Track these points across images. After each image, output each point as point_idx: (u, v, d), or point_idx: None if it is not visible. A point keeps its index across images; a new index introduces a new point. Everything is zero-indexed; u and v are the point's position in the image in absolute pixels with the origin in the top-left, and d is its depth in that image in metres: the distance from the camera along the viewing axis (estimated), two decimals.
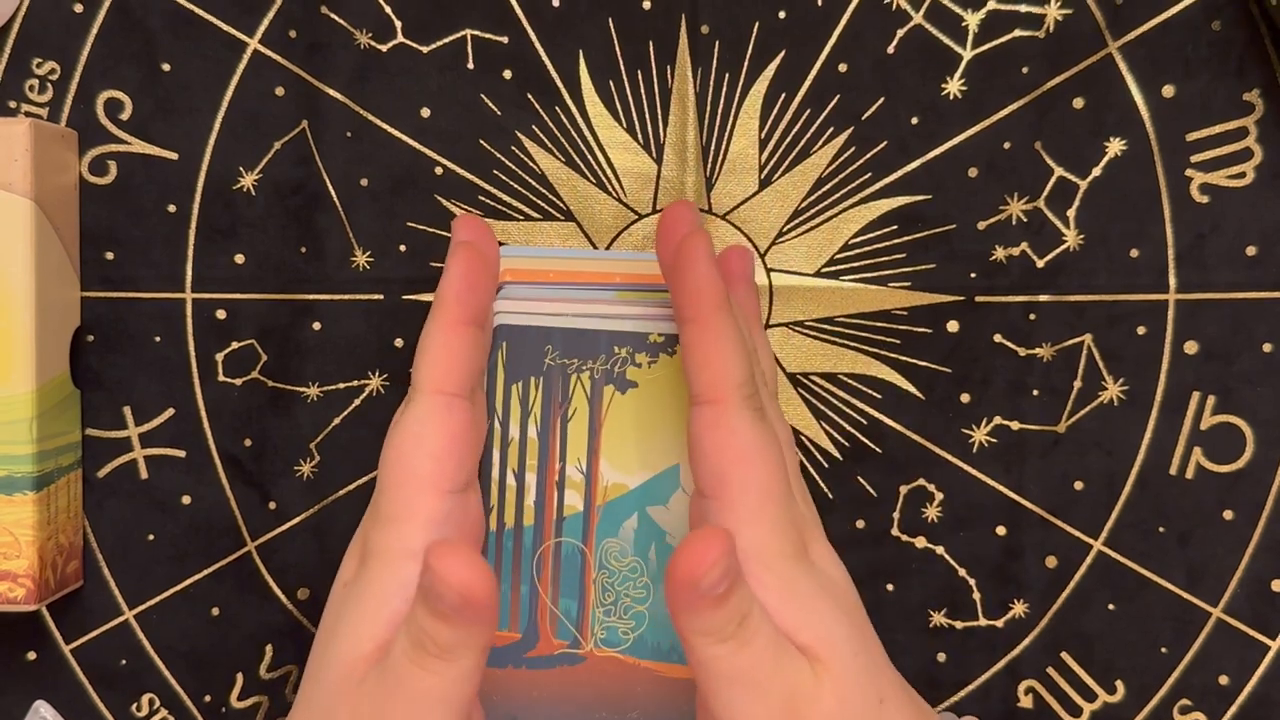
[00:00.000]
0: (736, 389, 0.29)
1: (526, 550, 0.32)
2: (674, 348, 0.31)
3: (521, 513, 0.32)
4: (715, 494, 0.29)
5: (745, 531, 0.29)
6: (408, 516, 0.30)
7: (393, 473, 0.31)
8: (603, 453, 0.32)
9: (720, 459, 0.29)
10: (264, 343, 0.39)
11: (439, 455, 0.30)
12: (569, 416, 0.32)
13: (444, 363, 0.31)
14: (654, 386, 0.31)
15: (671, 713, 0.34)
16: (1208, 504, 0.39)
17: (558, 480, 0.32)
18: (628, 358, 0.31)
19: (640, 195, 0.39)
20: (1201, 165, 0.38)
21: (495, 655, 0.33)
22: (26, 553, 0.36)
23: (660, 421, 0.31)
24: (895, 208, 0.39)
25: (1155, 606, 0.39)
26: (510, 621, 0.33)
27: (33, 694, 0.39)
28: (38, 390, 0.36)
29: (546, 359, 0.31)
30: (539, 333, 0.32)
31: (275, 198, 0.39)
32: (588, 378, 0.31)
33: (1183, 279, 0.38)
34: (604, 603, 0.33)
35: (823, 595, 0.29)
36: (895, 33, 0.38)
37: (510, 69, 0.38)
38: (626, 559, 0.32)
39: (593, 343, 0.31)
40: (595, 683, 0.33)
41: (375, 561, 0.30)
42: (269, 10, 0.38)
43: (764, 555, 0.29)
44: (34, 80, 0.38)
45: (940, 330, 0.39)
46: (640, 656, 0.33)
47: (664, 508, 0.32)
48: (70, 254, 0.38)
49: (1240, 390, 0.38)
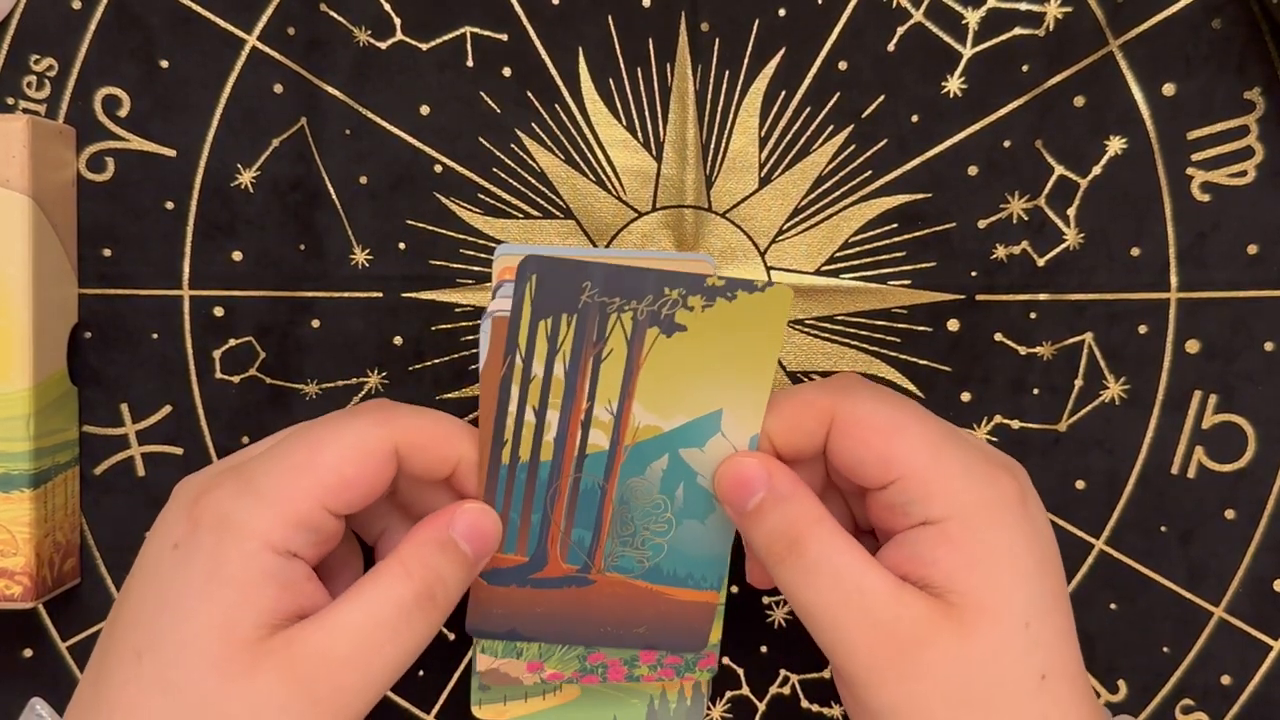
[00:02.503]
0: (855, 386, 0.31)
1: (541, 483, 0.32)
2: (733, 293, 0.30)
3: (539, 449, 0.31)
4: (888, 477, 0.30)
5: (953, 485, 0.30)
6: (286, 509, 0.29)
7: (302, 457, 0.30)
8: (637, 395, 0.31)
9: (886, 448, 0.30)
10: (262, 340, 0.39)
11: (353, 480, 0.30)
12: (603, 357, 0.30)
13: (427, 441, 0.31)
14: (705, 331, 0.30)
15: (681, 630, 0.34)
16: (1209, 503, 0.39)
17: (583, 420, 0.31)
18: (679, 300, 0.30)
19: (640, 193, 0.39)
20: (1202, 163, 0.38)
21: (500, 575, 0.33)
22: (23, 550, 0.36)
23: (707, 366, 0.31)
24: (895, 206, 0.38)
25: (1157, 606, 0.39)
26: (518, 546, 0.32)
27: (29, 691, 0.39)
28: (35, 387, 0.36)
29: (583, 296, 0.30)
30: (575, 268, 0.30)
31: (274, 195, 0.38)
32: (629, 318, 0.30)
33: (1184, 278, 0.38)
34: (621, 535, 0.32)
35: (1013, 562, 0.29)
36: (896, 30, 0.38)
37: (510, 66, 0.38)
38: (651, 497, 0.32)
39: (639, 281, 0.30)
40: (603, 603, 0.33)
41: (231, 540, 0.28)
42: (267, 7, 0.38)
43: (966, 511, 0.29)
44: (32, 77, 0.38)
45: (941, 329, 0.39)
46: (654, 582, 0.33)
47: (699, 450, 0.31)
48: (68, 251, 0.38)
49: (1242, 389, 0.38)
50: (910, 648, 0.28)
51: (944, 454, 0.30)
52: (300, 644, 0.28)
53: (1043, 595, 0.29)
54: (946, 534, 0.29)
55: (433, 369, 0.39)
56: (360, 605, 0.29)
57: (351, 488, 0.30)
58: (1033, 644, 0.29)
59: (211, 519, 0.29)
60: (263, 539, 0.28)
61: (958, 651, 0.28)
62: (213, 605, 0.28)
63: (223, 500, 0.29)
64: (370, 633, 0.29)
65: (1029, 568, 0.29)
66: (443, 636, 0.40)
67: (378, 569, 0.30)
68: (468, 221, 0.39)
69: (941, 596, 0.29)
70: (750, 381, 0.31)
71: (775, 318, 0.30)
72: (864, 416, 0.30)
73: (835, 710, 0.40)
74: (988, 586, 0.29)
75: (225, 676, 0.28)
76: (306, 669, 0.28)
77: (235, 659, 0.28)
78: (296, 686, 0.28)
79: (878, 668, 0.29)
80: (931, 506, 0.29)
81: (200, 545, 0.28)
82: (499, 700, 0.36)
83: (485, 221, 0.39)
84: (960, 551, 0.29)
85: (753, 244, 0.39)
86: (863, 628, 0.29)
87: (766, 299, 0.30)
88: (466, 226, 0.39)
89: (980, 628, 0.28)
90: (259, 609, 0.28)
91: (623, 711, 0.36)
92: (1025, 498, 0.30)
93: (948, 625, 0.28)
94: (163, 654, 0.28)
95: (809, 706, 0.40)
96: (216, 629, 0.28)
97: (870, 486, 0.31)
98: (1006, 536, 0.29)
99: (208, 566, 0.28)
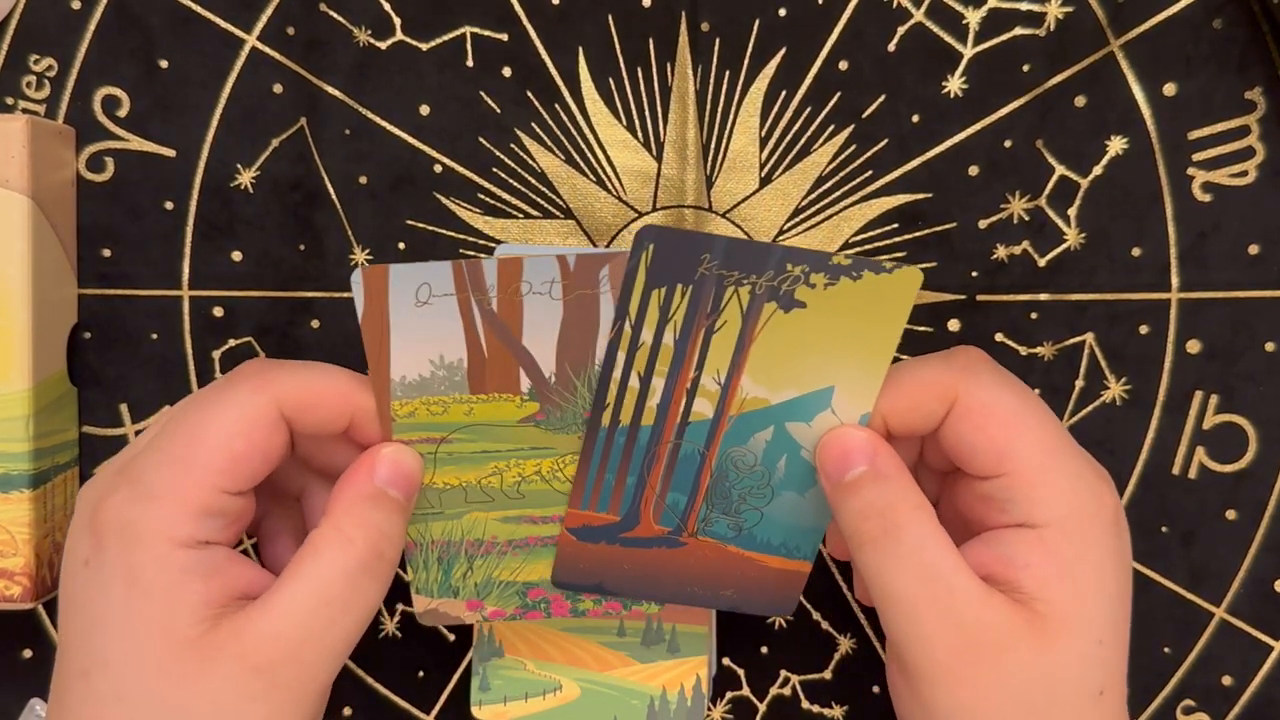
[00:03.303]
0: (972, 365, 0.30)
1: (640, 447, 0.32)
2: (859, 272, 0.29)
3: (640, 414, 0.31)
4: (997, 469, 0.30)
5: (1062, 492, 0.29)
6: (181, 503, 0.28)
7: (184, 445, 0.29)
8: (747, 368, 0.31)
9: (998, 433, 0.29)
10: (262, 340, 0.39)
11: (243, 454, 0.29)
12: (715, 328, 0.30)
13: (314, 399, 0.30)
14: (825, 308, 0.30)
15: (769, 595, 0.34)
16: (1211, 504, 0.39)
17: (689, 388, 0.31)
18: (801, 276, 0.29)
19: (640, 193, 0.39)
20: (1203, 163, 0.38)
21: (590, 532, 0.33)
22: (23, 550, 0.36)
23: (823, 344, 0.30)
24: (896, 206, 0.38)
25: (1158, 607, 0.39)
26: (611, 506, 0.32)
27: (29, 691, 0.39)
28: (34, 388, 0.36)
29: (701, 268, 0.29)
30: (696, 240, 0.29)
31: (273, 195, 0.38)
32: (747, 291, 0.30)
33: (1185, 278, 0.38)
34: (717, 502, 0.32)
35: (1100, 578, 0.29)
36: (896, 30, 0.38)
37: (510, 66, 0.38)
38: (752, 467, 0.32)
39: (762, 256, 0.29)
40: (693, 564, 0.33)
41: (138, 547, 0.28)
42: (267, 7, 0.38)
43: (1067, 521, 0.29)
44: (31, 77, 0.38)
45: (941, 329, 0.39)
46: (745, 548, 0.33)
47: (806, 425, 0.31)
48: (67, 251, 0.38)
49: (1243, 389, 0.38)
50: (990, 653, 0.28)
51: (1058, 458, 0.29)
52: (251, 631, 0.28)
53: (1116, 614, 0.29)
54: (1045, 540, 0.29)
55: None
56: (307, 582, 0.28)
57: (243, 462, 0.29)
58: (1101, 661, 0.29)
59: (113, 529, 0.28)
60: (168, 538, 0.28)
61: (1034, 661, 0.28)
62: (143, 616, 0.27)
63: (119, 508, 0.28)
64: (321, 609, 0.28)
65: (1113, 586, 0.29)
66: (443, 637, 0.40)
67: (316, 539, 0.29)
68: (467, 221, 0.39)
69: (1027, 604, 0.29)
70: (867, 362, 0.30)
71: (902, 300, 0.30)
72: (988, 403, 0.30)
73: (836, 711, 0.40)
74: (1074, 600, 0.29)
75: (180, 678, 0.27)
76: (262, 656, 0.27)
77: (184, 659, 0.27)
78: (254, 674, 0.27)
79: (954, 668, 0.28)
80: (1035, 510, 0.29)
81: (109, 559, 0.28)
82: (499, 700, 0.36)
83: (485, 221, 0.39)
84: (1055, 561, 0.29)
85: None
86: (945, 626, 0.28)
87: (895, 280, 0.29)
88: (466, 226, 0.39)
89: (1061, 640, 0.28)
90: (190, 606, 0.28)
91: (623, 711, 0.36)
92: (1119, 515, 0.30)
93: (1030, 634, 0.28)
94: (110, 670, 0.27)
95: (809, 707, 0.40)
96: (155, 637, 0.27)
97: (976, 475, 0.30)
98: (1099, 553, 0.29)
99: (124, 578, 0.28)
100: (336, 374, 0.30)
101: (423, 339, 0.30)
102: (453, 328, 0.30)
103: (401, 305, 0.30)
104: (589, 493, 0.32)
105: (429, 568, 0.33)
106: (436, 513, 0.32)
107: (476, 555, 0.33)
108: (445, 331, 0.30)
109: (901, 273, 0.29)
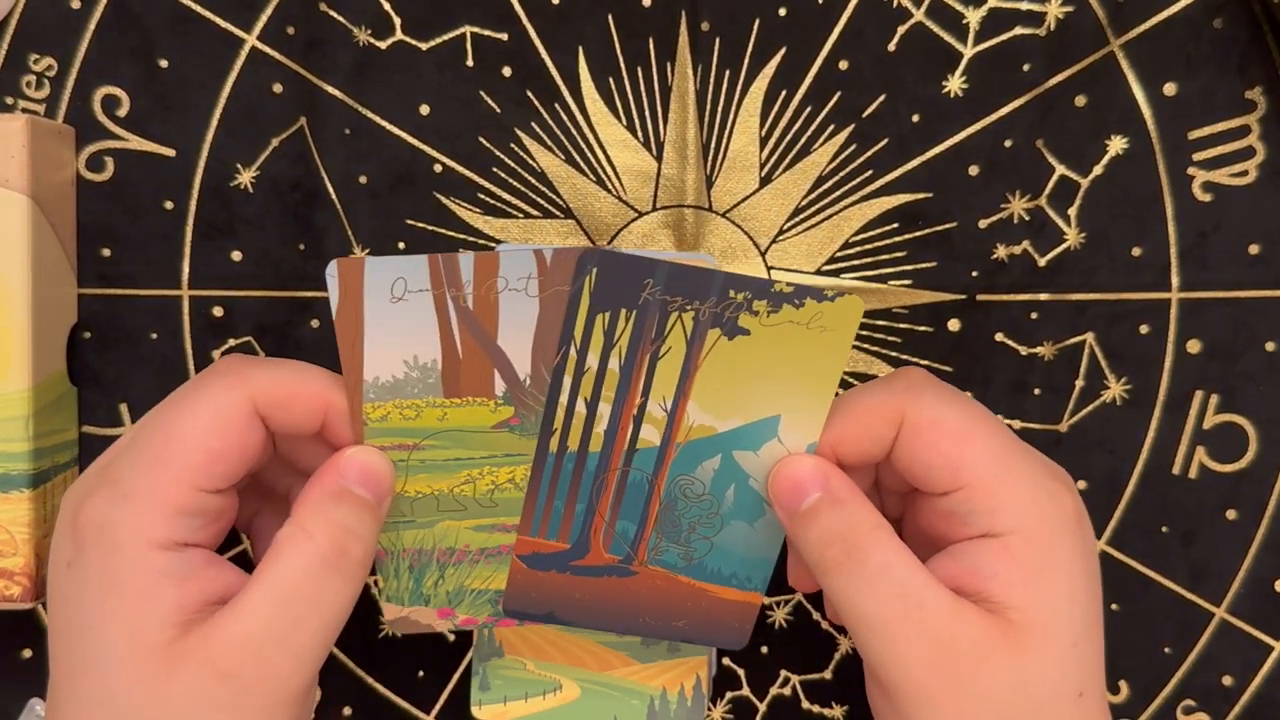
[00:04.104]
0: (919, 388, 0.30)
1: (588, 474, 0.32)
2: (801, 300, 0.29)
3: (588, 440, 0.31)
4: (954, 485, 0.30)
5: (1021, 499, 0.29)
6: (157, 504, 0.28)
7: (159, 444, 0.28)
8: (693, 395, 0.31)
9: (949, 453, 0.29)
10: (262, 340, 0.39)
11: (220, 452, 0.28)
12: (660, 354, 0.30)
13: (287, 397, 0.29)
14: (769, 337, 0.30)
15: (721, 627, 0.34)
16: (1211, 504, 0.39)
17: (635, 415, 0.31)
18: (744, 303, 0.29)
19: (640, 193, 0.39)
20: (1204, 163, 0.38)
21: (540, 560, 0.33)
22: (23, 550, 0.36)
23: (768, 372, 0.30)
24: (896, 206, 0.38)
25: (1158, 606, 0.39)
26: (560, 534, 0.32)
27: (28, 691, 0.39)
28: (34, 387, 0.36)
29: (644, 293, 0.29)
30: (640, 264, 0.29)
31: (273, 194, 0.38)
32: (690, 317, 0.30)
33: (1185, 277, 0.38)
34: (666, 531, 0.32)
35: (1069, 580, 0.29)
36: (896, 30, 0.38)
37: (510, 66, 0.38)
38: (700, 495, 0.32)
39: (705, 282, 0.29)
40: (644, 594, 0.33)
41: (114, 549, 0.27)
42: (267, 7, 0.38)
43: (1029, 527, 0.29)
44: (31, 76, 0.38)
45: (941, 329, 0.39)
46: (697, 579, 0.33)
47: (753, 454, 0.31)
48: (67, 251, 0.38)
49: (1243, 389, 0.38)
50: (967, 665, 0.28)
51: (1013, 466, 0.29)
52: (217, 636, 0.27)
53: (1088, 614, 0.29)
54: (1009, 549, 0.29)
55: None
56: (269, 581, 0.28)
57: (219, 461, 0.29)
58: (1077, 662, 0.29)
59: (93, 531, 0.28)
60: (145, 539, 0.28)
61: (1011, 668, 0.28)
62: (118, 617, 0.27)
63: (98, 509, 0.28)
64: (285, 608, 0.28)
65: (1081, 587, 0.29)
66: (442, 637, 0.40)
67: (278, 539, 0.29)
68: (467, 221, 0.39)
69: (998, 612, 0.29)
70: (812, 390, 0.30)
71: (845, 328, 0.30)
72: (936, 419, 0.30)
73: (836, 711, 0.40)
74: (1044, 604, 0.29)
75: (150, 684, 0.27)
76: (228, 660, 0.27)
77: (152, 665, 0.27)
78: (221, 680, 0.27)
79: (932, 684, 0.28)
80: (996, 519, 0.29)
81: (89, 561, 0.28)
82: (499, 700, 0.36)
83: (485, 221, 0.39)
84: (1022, 567, 0.29)
85: (753, 244, 0.39)
86: (920, 643, 0.28)
87: (838, 308, 0.29)
88: (466, 226, 0.39)
89: (1034, 645, 0.28)
90: (162, 611, 0.27)
91: (623, 711, 0.36)
92: (1081, 516, 0.30)
93: (1004, 642, 0.28)
94: (90, 672, 0.28)
95: (809, 707, 0.40)
96: (125, 641, 0.27)
97: (933, 492, 0.30)
98: (1065, 555, 0.29)
99: (101, 580, 0.28)
100: (312, 372, 0.30)
101: (397, 338, 0.30)
102: (428, 326, 0.30)
103: (376, 301, 0.29)
104: (538, 519, 0.32)
105: (399, 576, 0.33)
106: (408, 521, 0.32)
107: (449, 563, 0.33)
108: (420, 330, 0.30)
109: (844, 301, 0.29)
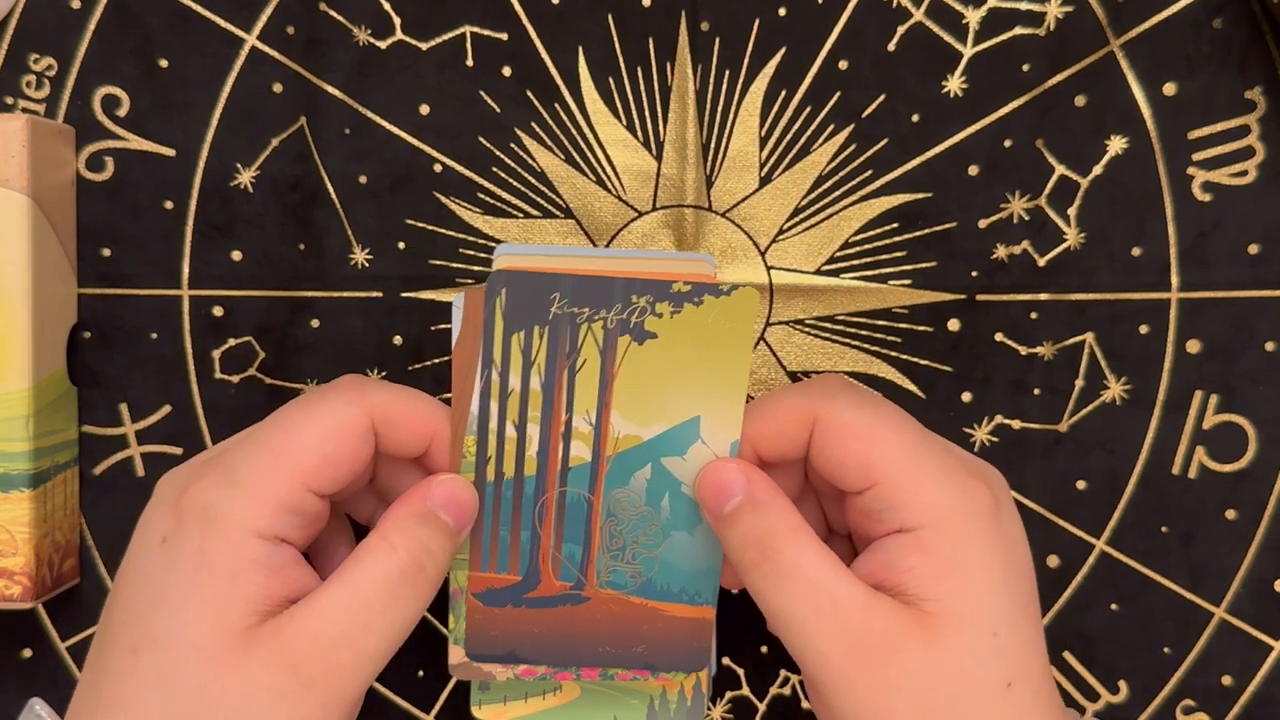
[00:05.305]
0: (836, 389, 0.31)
1: (528, 499, 0.32)
2: (700, 298, 0.30)
3: (522, 464, 0.31)
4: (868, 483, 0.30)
5: (929, 493, 0.30)
6: (268, 495, 0.29)
7: (279, 440, 0.30)
8: (615, 405, 0.31)
9: (860, 453, 0.30)
10: (262, 340, 0.39)
11: (333, 458, 0.30)
12: (577, 368, 0.31)
13: (401, 417, 0.31)
14: (676, 337, 0.30)
15: (679, 648, 0.33)
16: (1210, 504, 0.39)
17: (563, 432, 0.31)
18: (647, 306, 0.30)
19: (640, 193, 0.39)
20: (1203, 163, 0.38)
21: (495, 595, 0.33)
22: (23, 550, 0.36)
23: (681, 373, 0.31)
24: (896, 205, 0.38)
25: (1158, 606, 0.39)
26: (510, 565, 0.32)
27: (28, 691, 0.39)
28: (34, 387, 0.36)
29: (552, 308, 0.30)
30: (544, 280, 0.30)
31: (273, 194, 0.38)
32: (600, 327, 0.30)
33: (1185, 277, 0.38)
34: (611, 549, 0.32)
35: (984, 570, 0.29)
36: (896, 30, 0.38)
37: (510, 66, 0.38)
38: (638, 508, 0.32)
39: (606, 291, 0.30)
40: (600, 621, 0.33)
41: (216, 530, 0.29)
42: (267, 6, 0.38)
43: (940, 519, 0.29)
44: (31, 76, 0.38)
45: (941, 329, 0.39)
46: (648, 598, 0.33)
47: (680, 459, 0.31)
48: (67, 251, 0.38)
49: (1243, 389, 0.38)
50: (881, 657, 0.29)
51: (922, 461, 0.30)
52: (291, 629, 0.28)
53: (1011, 604, 0.30)
54: (921, 542, 0.29)
55: (432, 369, 0.39)
56: (348, 584, 0.29)
57: (331, 466, 0.30)
58: (999, 652, 0.29)
59: (196, 511, 0.29)
60: (248, 526, 0.29)
61: (926, 659, 0.29)
62: (203, 597, 0.28)
63: (206, 491, 0.29)
64: (359, 611, 0.29)
65: (998, 577, 0.30)
66: (442, 637, 0.40)
67: (362, 547, 0.30)
68: (467, 221, 0.39)
69: (913, 604, 0.29)
70: (725, 386, 0.31)
71: (744, 320, 0.30)
72: (846, 421, 0.30)
73: None
74: (957, 595, 0.29)
75: (219, 667, 0.28)
76: (298, 653, 0.28)
77: (227, 649, 0.28)
78: (289, 671, 0.28)
79: (848, 676, 0.29)
80: (907, 514, 0.30)
81: (187, 538, 0.29)
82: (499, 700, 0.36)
83: (485, 221, 0.39)
84: (933, 560, 0.29)
85: (753, 244, 0.39)
86: (834, 637, 0.29)
87: (733, 302, 0.30)
88: (466, 226, 0.39)
89: (948, 636, 0.29)
90: (248, 596, 0.28)
91: (623, 712, 0.36)
92: (998, 507, 0.30)
93: (918, 633, 0.29)
94: (158, 649, 0.28)
95: (809, 707, 0.40)
96: (208, 620, 0.28)
97: (849, 490, 0.31)
98: (978, 546, 0.30)
99: (195, 559, 0.28)
100: (424, 399, 0.32)
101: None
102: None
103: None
104: (486, 552, 0.32)
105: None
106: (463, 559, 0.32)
107: None
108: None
109: (739, 293, 0.30)
